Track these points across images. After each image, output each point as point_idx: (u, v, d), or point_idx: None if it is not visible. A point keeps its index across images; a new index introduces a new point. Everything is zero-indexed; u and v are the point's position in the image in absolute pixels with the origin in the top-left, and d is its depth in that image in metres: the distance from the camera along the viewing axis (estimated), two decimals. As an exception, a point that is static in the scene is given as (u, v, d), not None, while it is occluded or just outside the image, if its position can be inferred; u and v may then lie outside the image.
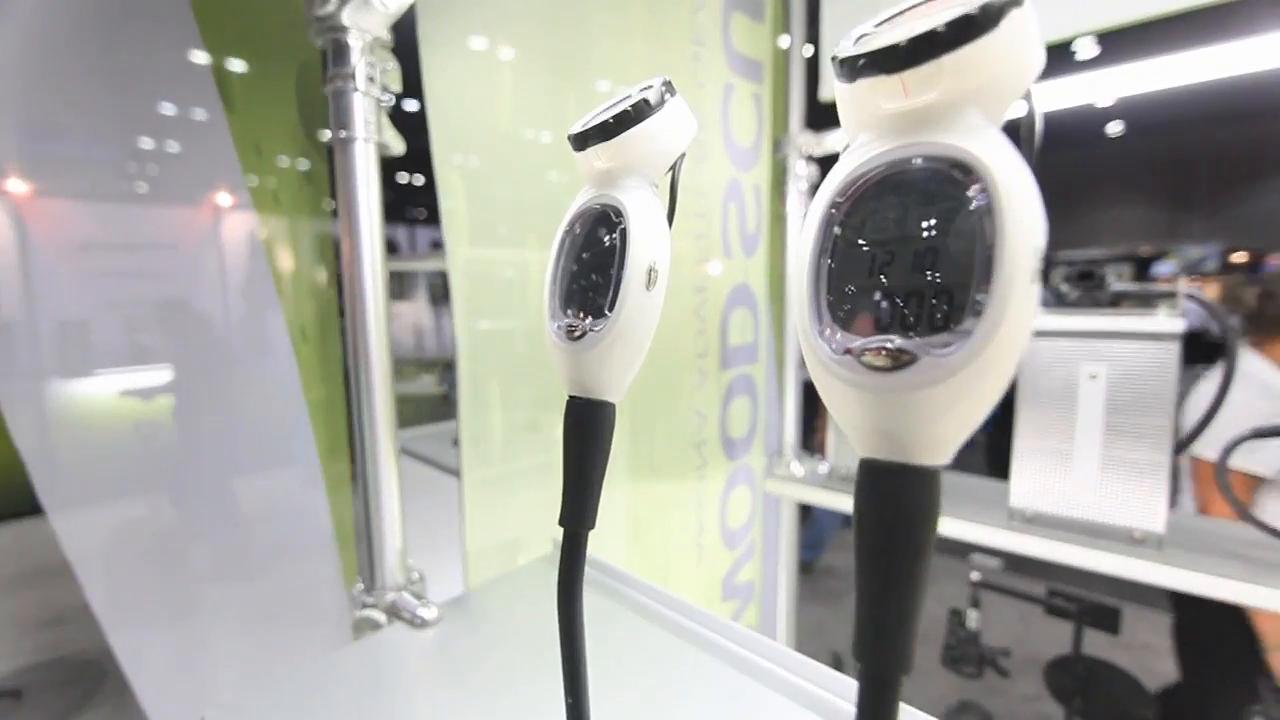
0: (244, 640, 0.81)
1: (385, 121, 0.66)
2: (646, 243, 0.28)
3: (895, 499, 0.19)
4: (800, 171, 1.23)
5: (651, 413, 1.01)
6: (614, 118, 0.28)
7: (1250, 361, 1.26)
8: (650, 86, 0.29)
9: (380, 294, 0.66)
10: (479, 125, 0.78)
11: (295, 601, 0.85)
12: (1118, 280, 0.91)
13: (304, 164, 0.81)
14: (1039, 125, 0.19)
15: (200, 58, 0.73)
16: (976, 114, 0.19)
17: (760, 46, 1.20)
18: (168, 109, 0.72)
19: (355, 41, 0.61)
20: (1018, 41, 0.18)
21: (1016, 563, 0.95)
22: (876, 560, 0.20)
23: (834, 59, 0.21)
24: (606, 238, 0.29)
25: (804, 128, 1.24)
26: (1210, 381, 1.24)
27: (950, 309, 0.18)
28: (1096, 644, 1.31)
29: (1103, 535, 0.88)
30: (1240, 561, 0.81)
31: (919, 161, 0.19)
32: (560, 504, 0.31)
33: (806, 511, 2.66)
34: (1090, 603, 1.17)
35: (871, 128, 0.21)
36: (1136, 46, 1.00)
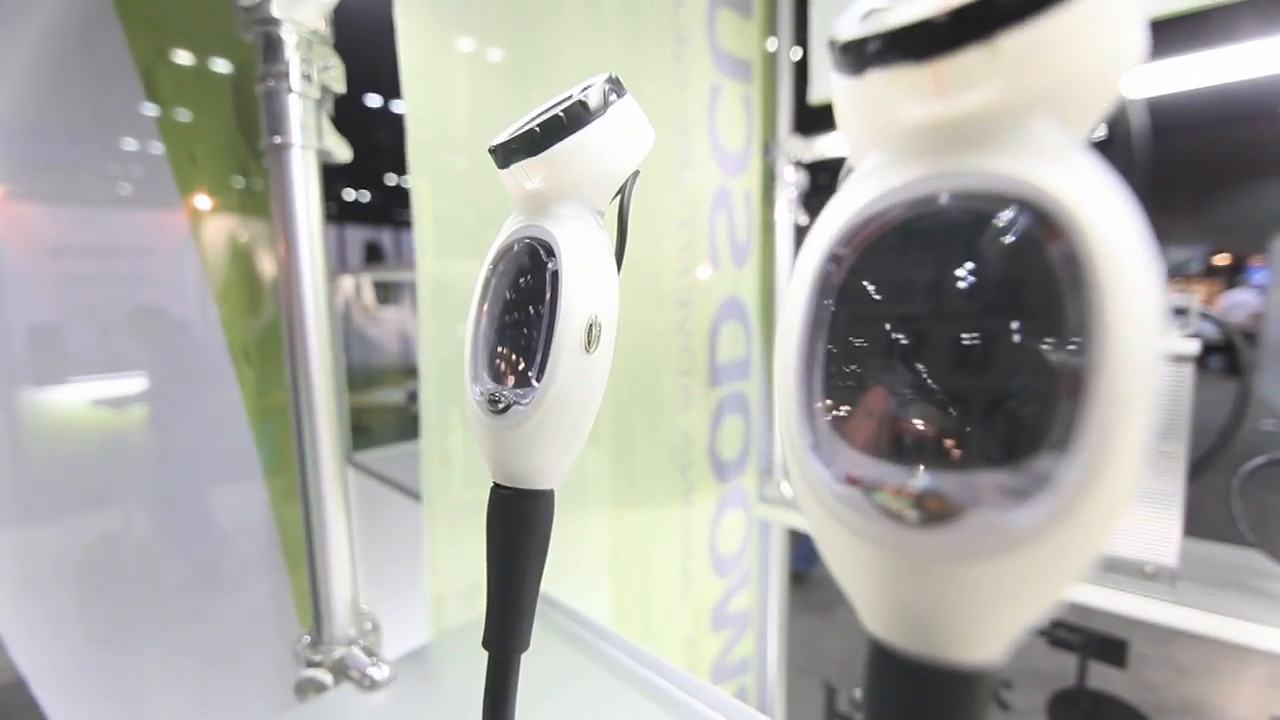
0: (183, 672, 0.74)
1: (327, 126, 0.59)
2: (585, 290, 0.21)
3: (920, 708, 0.13)
4: (789, 178, 1.17)
5: (632, 434, 0.95)
6: (541, 126, 0.21)
7: None
8: (590, 86, 0.22)
9: (322, 312, 0.59)
10: (454, 132, 0.72)
11: (236, 632, 0.78)
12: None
13: (244, 173, 0.74)
14: (1143, 144, 0.13)
15: (125, 58, 0.66)
16: (1050, 126, 0.12)
17: (749, 45, 1.14)
18: (90, 113, 0.65)
19: (288, 36, 0.54)
20: (1113, 13, 0.12)
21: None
22: None
23: (832, 43, 0.14)
24: (535, 283, 0.22)
25: (792, 132, 1.18)
26: None
27: (1015, 434, 0.11)
28: (1101, 669, 1.25)
29: (1112, 569, 0.82)
30: (1263, 598, 0.75)
31: (960, 199, 0.13)
32: (484, 620, 0.24)
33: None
34: (1096, 635, 1.12)
35: (888, 144, 0.14)
36: None
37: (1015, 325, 0.12)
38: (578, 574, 0.89)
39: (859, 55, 0.13)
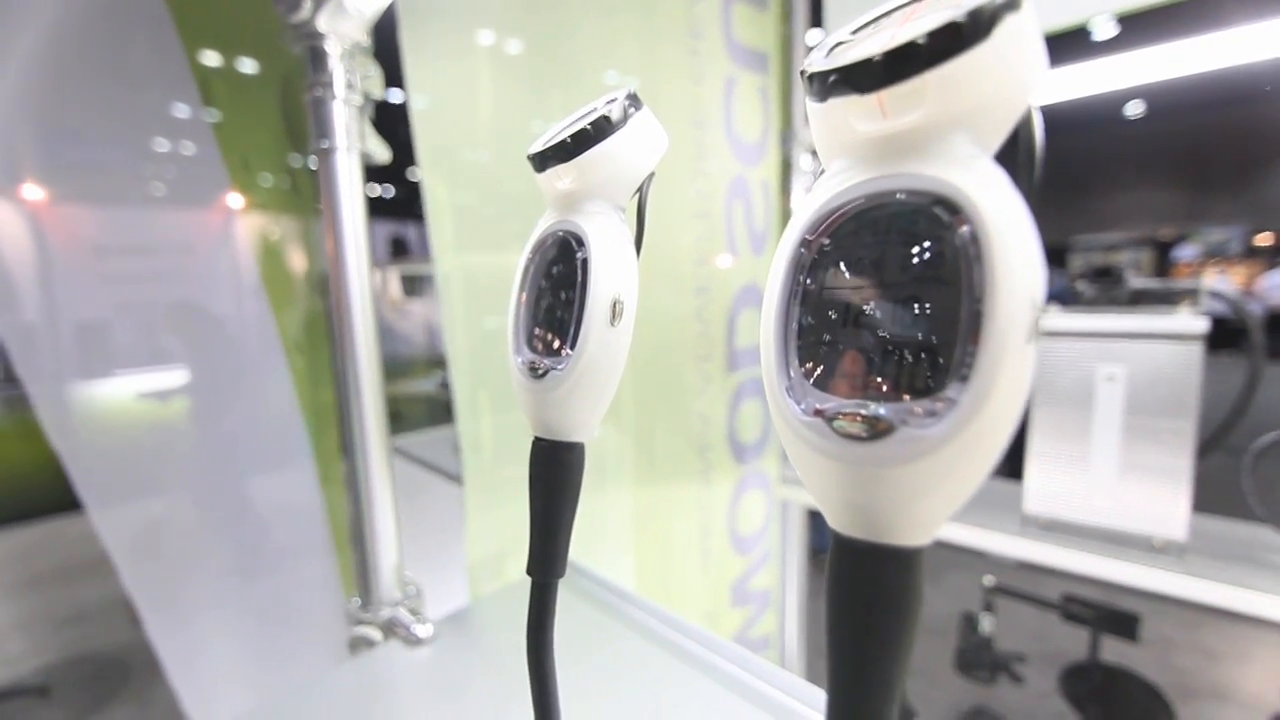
0: (250, 630, 0.81)
1: (369, 129, 0.64)
2: (610, 274, 0.25)
3: (869, 584, 0.17)
4: (806, 166, 1.20)
5: (652, 416, 0.99)
6: (572, 137, 0.25)
7: None
8: (613, 100, 0.26)
9: (366, 304, 0.64)
10: (465, 126, 0.76)
11: (295, 598, 0.85)
12: (1137, 276, 0.87)
13: (293, 177, 0.79)
14: (1040, 152, 0.16)
15: (183, 69, 0.71)
16: (965, 140, 0.16)
17: (765, 36, 1.17)
18: (151, 122, 0.71)
19: (333, 48, 0.59)
20: (1014, 53, 0.15)
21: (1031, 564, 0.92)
22: (848, 649, 0.17)
23: (803, 73, 0.18)
24: (567, 268, 0.26)
25: (807, 120, 1.20)
26: None
27: (934, 371, 0.15)
28: (1118, 645, 1.27)
29: (1122, 543, 0.85)
30: (1269, 570, 0.77)
31: (899, 195, 0.17)
32: (527, 551, 0.29)
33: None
34: (1108, 609, 1.14)
35: (847, 153, 0.18)
36: (1157, 29, 0.95)
37: (937, 289, 0.16)
38: (603, 548, 0.95)
39: (821, 85, 0.17)
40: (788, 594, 1.36)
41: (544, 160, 0.27)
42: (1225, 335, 0.87)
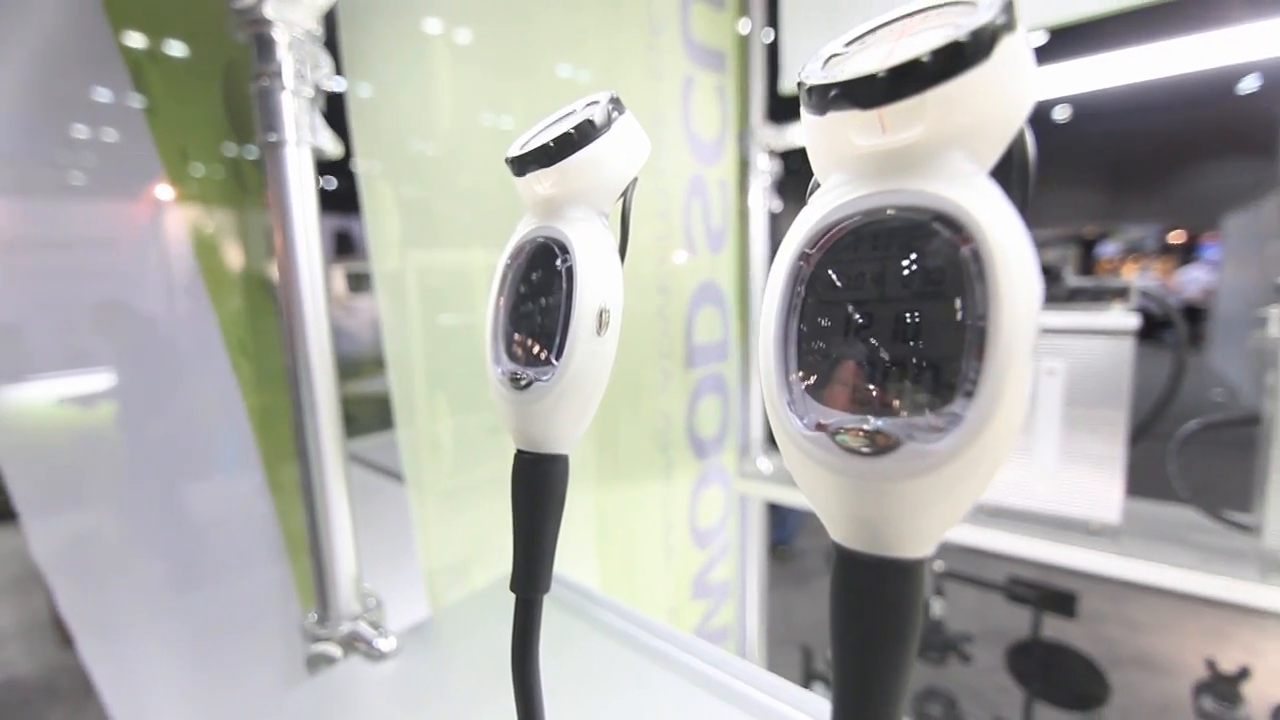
0: (199, 650, 0.77)
1: (320, 122, 0.61)
2: (596, 282, 0.25)
3: (873, 594, 0.17)
4: (762, 166, 1.21)
5: (615, 415, 0.99)
6: (554, 141, 0.25)
7: None
8: (596, 103, 0.25)
9: (320, 303, 0.61)
10: (410, 117, 0.73)
11: (246, 615, 0.81)
12: (1073, 275, 0.92)
13: (235, 169, 0.74)
14: (1033, 169, 0.17)
15: (111, 52, 0.66)
16: (963, 157, 0.16)
17: (723, 36, 1.17)
18: (75, 108, 0.65)
19: (281, 36, 0.56)
20: (1011, 73, 0.16)
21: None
22: (853, 658, 0.18)
23: (800, 85, 0.18)
24: (549, 276, 0.26)
25: (765, 120, 1.22)
26: None
27: (937, 386, 0.16)
28: (1057, 622, 1.35)
29: (1062, 527, 0.90)
30: (1193, 549, 0.83)
31: (898, 212, 0.17)
32: (511, 567, 0.28)
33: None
34: (1048, 589, 1.21)
35: (844, 167, 0.18)
36: (1082, 41, 1.00)
37: (939, 305, 0.16)
38: (567, 547, 0.94)
39: (821, 99, 0.17)
40: (747, 585, 1.39)
41: (523, 165, 0.26)
42: (1145, 328, 0.93)
